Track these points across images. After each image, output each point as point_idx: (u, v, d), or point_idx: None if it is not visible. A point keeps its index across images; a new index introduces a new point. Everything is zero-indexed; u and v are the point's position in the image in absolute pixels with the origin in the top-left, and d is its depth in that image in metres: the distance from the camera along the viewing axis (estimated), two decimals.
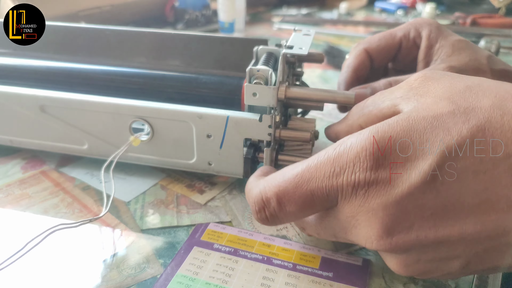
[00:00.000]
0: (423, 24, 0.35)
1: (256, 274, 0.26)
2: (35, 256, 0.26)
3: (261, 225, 0.30)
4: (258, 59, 0.33)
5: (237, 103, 0.32)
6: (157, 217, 0.31)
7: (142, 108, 0.31)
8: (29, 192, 0.33)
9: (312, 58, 0.34)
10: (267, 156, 0.30)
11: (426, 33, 0.35)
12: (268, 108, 0.29)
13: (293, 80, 0.35)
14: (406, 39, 0.36)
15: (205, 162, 0.32)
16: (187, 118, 0.31)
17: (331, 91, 0.30)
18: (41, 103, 0.33)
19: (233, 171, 0.32)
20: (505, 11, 0.94)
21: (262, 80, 0.28)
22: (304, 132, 0.30)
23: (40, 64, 0.36)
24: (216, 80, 0.33)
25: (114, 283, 0.25)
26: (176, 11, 0.81)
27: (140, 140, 0.32)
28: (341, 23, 0.95)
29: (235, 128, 0.30)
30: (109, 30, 0.38)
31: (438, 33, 0.34)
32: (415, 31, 0.35)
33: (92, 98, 0.32)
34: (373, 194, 0.19)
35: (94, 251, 0.27)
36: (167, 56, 0.37)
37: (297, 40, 0.32)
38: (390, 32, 0.36)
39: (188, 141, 0.32)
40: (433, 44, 0.34)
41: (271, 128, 0.29)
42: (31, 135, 0.35)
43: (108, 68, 0.35)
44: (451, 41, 0.34)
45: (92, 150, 0.34)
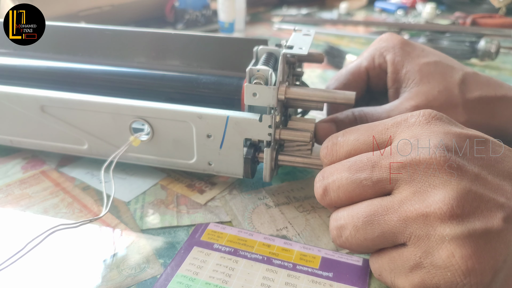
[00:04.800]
0: (387, 47, 0.34)
1: (256, 274, 0.26)
2: (35, 256, 0.26)
3: (261, 225, 0.30)
4: (258, 59, 0.33)
5: (237, 103, 0.32)
6: (157, 217, 0.31)
7: (142, 108, 0.31)
8: (29, 192, 0.33)
9: (312, 58, 0.34)
10: (267, 156, 0.30)
11: (390, 58, 0.33)
12: (268, 108, 0.29)
13: (293, 80, 0.35)
14: (371, 68, 0.35)
15: (205, 162, 0.32)
16: (187, 118, 0.31)
17: (331, 91, 0.30)
18: (41, 103, 0.33)
19: (233, 171, 0.32)
20: (505, 11, 0.94)
21: (262, 80, 0.28)
22: (304, 132, 0.30)
23: (40, 64, 0.36)
24: (216, 80, 0.33)
25: (114, 283, 0.25)
26: (176, 11, 0.81)
27: (140, 140, 0.32)
28: (341, 23, 0.95)
29: (235, 128, 0.30)
30: (109, 30, 0.38)
31: (403, 56, 0.33)
32: (379, 57, 0.34)
33: (92, 98, 0.32)
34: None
35: (94, 251, 0.27)
36: (166, 56, 0.37)
37: (297, 40, 0.32)
38: (355, 65, 0.36)
39: (188, 141, 0.32)
40: (399, 70, 0.33)
41: (271, 128, 0.29)
42: (31, 135, 0.35)
43: (108, 68, 0.35)
44: (418, 65, 0.32)
45: (92, 150, 0.34)
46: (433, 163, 0.21)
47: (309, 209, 0.32)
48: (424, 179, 0.21)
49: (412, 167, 0.21)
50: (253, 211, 0.31)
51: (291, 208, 0.32)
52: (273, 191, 0.34)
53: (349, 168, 0.23)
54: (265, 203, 0.32)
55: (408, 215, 0.21)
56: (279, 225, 0.30)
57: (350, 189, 0.23)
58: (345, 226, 0.23)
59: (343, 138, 0.25)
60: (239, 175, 0.32)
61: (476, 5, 1.02)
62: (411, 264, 0.21)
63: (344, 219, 0.23)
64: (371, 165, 0.23)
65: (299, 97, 0.30)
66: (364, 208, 0.23)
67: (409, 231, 0.21)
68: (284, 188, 0.34)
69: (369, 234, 0.22)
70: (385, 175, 0.22)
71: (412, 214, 0.21)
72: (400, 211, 0.21)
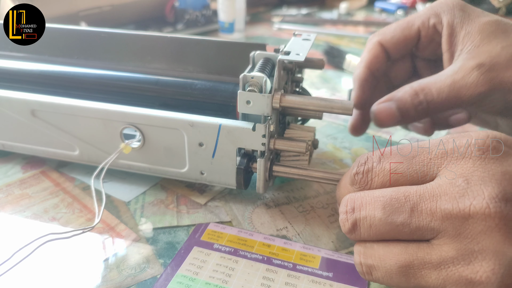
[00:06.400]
0: (445, 8, 0.30)
1: (256, 274, 0.26)
2: (35, 256, 0.26)
3: (261, 225, 0.30)
4: (254, 65, 0.32)
5: (232, 110, 0.31)
6: (157, 217, 0.31)
7: (132, 114, 0.30)
8: (29, 192, 0.33)
9: (312, 64, 0.33)
10: (261, 166, 0.29)
11: (447, 19, 0.30)
12: (263, 116, 0.28)
13: (292, 86, 0.34)
14: (425, 27, 0.31)
15: (197, 171, 0.31)
16: (179, 125, 0.30)
17: (328, 99, 0.28)
18: (32, 107, 0.32)
19: (226, 182, 0.31)
20: (505, 11, 0.94)
21: (256, 88, 0.27)
22: (299, 143, 0.29)
23: (34, 67, 0.35)
24: (211, 86, 0.32)
25: (114, 283, 0.25)
26: (176, 11, 0.81)
27: (131, 148, 0.31)
28: (341, 23, 0.95)
29: (227, 137, 0.29)
30: (104, 32, 0.37)
31: (462, 17, 0.29)
32: (435, 17, 0.30)
33: (83, 103, 0.31)
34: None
35: (94, 251, 0.27)
36: (162, 60, 0.36)
37: (296, 45, 0.30)
38: (407, 21, 0.32)
39: (179, 149, 0.31)
40: (456, 32, 0.29)
41: (265, 138, 0.28)
42: (22, 140, 0.35)
43: (102, 72, 0.34)
44: (478, 25, 0.28)
45: (83, 156, 0.34)
46: (485, 219, 0.18)
47: (309, 209, 0.32)
48: (472, 236, 0.18)
49: (458, 220, 0.18)
50: (253, 211, 0.31)
51: (291, 208, 0.32)
52: (273, 191, 0.34)
53: (384, 207, 0.20)
54: (265, 203, 0.32)
55: (449, 276, 0.19)
56: (279, 225, 0.30)
57: (384, 231, 0.21)
58: (376, 268, 0.21)
59: (379, 165, 0.22)
60: (232, 186, 0.31)
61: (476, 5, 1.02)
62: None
63: (374, 260, 0.21)
64: (409, 207, 0.20)
65: (295, 105, 0.28)
66: (398, 256, 0.20)
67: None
68: (284, 188, 0.34)
69: (403, 283, 0.20)
70: (425, 223, 0.19)
71: (453, 276, 0.18)
72: (440, 270, 0.19)
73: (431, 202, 0.19)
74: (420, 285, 0.20)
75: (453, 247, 0.19)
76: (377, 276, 0.21)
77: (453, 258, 0.19)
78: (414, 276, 0.20)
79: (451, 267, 0.19)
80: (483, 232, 0.18)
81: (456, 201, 0.19)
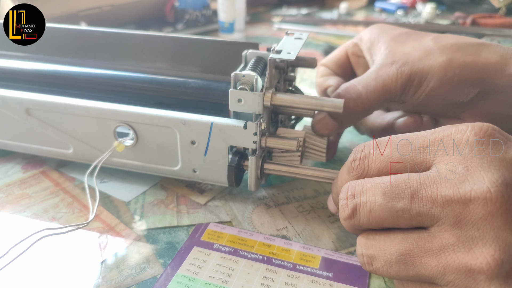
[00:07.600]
0: (366, 31, 0.35)
1: (256, 274, 0.26)
2: (35, 257, 0.26)
3: (261, 225, 0.30)
4: (247, 64, 0.32)
5: (225, 108, 0.31)
6: (157, 217, 0.31)
7: (125, 113, 0.30)
8: (29, 192, 0.33)
9: (304, 63, 0.33)
10: (252, 164, 0.29)
11: (367, 37, 0.34)
12: (254, 115, 0.28)
13: (285, 85, 0.34)
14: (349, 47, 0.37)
15: (190, 169, 0.32)
16: (171, 124, 0.30)
17: (319, 98, 0.29)
18: (27, 106, 0.32)
19: (218, 179, 0.31)
20: (505, 11, 0.94)
21: (247, 86, 0.27)
22: (291, 141, 0.29)
23: (29, 66, 0.35)
24: (204, 84, 0.32)
25: (114, 283, 0.25)
26: (176, 11, 0.81)
27: (124, 146, 0.32)
28: (341, 23, 0.95)
29: (219, 135, 0.29)
30: (99, 32, 0.37)
31: (379, 33, 0.33)
32: (358, 38, 0.36)
33: (77, 102, 0.31)
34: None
35: (94, 251, 0.27)
36: (156, 58, 0.36)
37: (287, 44, 0.30)
38: (342, 45, 0.38)
39: (172, 147, 0.31)
40: (374, 44, 0.33)
41: (256, 136, 0.28)
42: (17, 138, 0.35)
43: (97, 71, 0.34)
44: (392, 36, 0.32)
45: (77, 155, 0.34)
46: (487, 204, 0.18)
47: (308, 209, 0.32)
48: (472, 222, 0.18)
49: (459, 206, 0.18)
50: (253, 211, 0.31)
51: (291, 208, 0.32)
52: (273, 191, 0.34)
53: (384, 193, 0.20)
54: (265, 203, 0.32)
55: (448, 263, 0.19)
56: (279, 225, 0.30)
57: (383, 217, 0.21)
58: (376, 258, 0.21)
59: (376, 152, 0.22)
60: (224, 183, 0.31)
61: (476, 5, 1.02)
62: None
63: (375, 250, 0.21)
64: (410, 193, 0.20)
65: (286, 104, 0.28)
66: (398, 245, 0.20)
67: (447, 279, 0.19)
68: (284, 188, 0.34)
69: (402, 272, 0.20)
70: (425, 209, 0.19)
71: (453, 263, 0.18)
72: (440, 257, 0.19)
73: (432, 188, 0.19)
74: (419, 273, 0.20)
75: (453, 234, 0.19)
76: (377, 266, 0.21)
77: (453, 245, 0.19)
78: (414, 264, 0.20)
79: (451, 254, 0.19)
80: (484, 218, 0.18)
81: (457, 187, 0.19)
